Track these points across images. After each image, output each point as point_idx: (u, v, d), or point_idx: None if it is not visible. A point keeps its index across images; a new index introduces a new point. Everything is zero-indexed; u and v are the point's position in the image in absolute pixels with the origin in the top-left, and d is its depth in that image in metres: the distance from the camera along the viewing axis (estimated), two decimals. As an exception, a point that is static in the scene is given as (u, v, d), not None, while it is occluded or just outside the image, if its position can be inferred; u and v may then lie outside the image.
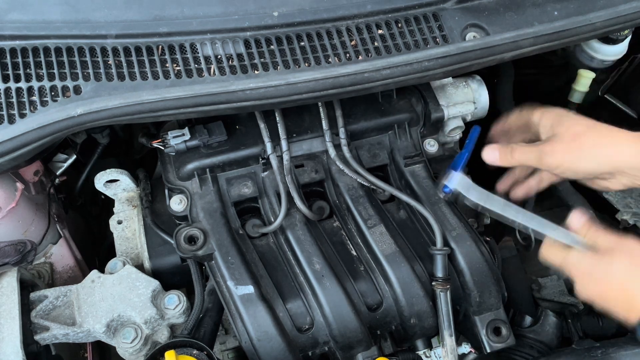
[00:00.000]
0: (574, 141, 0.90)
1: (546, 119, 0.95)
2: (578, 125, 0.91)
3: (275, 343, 0.90)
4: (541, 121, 0.96)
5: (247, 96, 0.87)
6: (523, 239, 1.25)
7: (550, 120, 0.94)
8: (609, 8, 1.01)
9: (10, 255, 0.94)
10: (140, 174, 1.15)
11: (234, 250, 0.97)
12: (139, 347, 0.92)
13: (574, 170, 0.91)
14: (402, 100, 1.14)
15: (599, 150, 0.88)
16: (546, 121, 0.95)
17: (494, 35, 0.97)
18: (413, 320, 0.97)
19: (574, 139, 0.90)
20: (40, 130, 0.81)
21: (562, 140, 0.91)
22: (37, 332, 0.92)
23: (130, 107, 0.83)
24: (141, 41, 0.87)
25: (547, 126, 0.94)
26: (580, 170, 0.90)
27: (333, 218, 1.07)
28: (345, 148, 1.06)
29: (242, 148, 1.04)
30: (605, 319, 1.19)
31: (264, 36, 0.91)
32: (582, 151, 0.89)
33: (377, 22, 0.96)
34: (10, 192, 1.00)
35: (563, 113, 0.95)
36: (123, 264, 1.00)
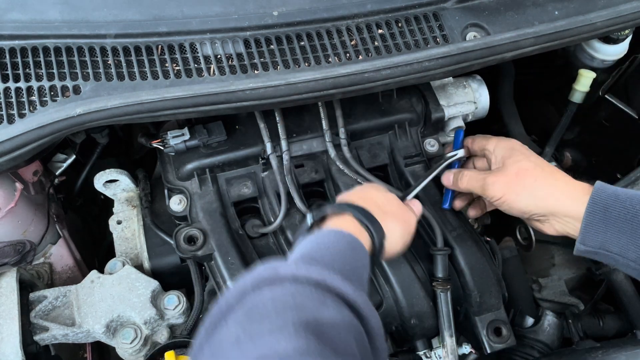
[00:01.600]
0: (517, 177, 0.91)
1: (499, 150, 0.97)
2: (526, 162, 0.93)
3: (275, 343, 0.90)
4: (495, 151, 0.98)
5: (246, 96, 0.87)
6: (523, 239, 1.25)
7: (502, 152, 0.96)
8: (610, 8, 1.01)
9: (9, 255, 0.94)
10: (140, 174, 1.15)
11: (233, 250, 0.96)
12: (139, 348, 0.92)
13: (510, 205, 0.92)
14: (403, 100, 1.13)
15: (537, 191, 0.89)
16: (498, 152, 0.97)
17: (494, 35, 0.97)
18: (413, 321, 0.97)
19: (517, 175, 0.91)
20: (39, 130, 0.81)
21: (506, 174, 0.93)
22: (37, 332, 0.92)
23: (129, 107, 0.83)
24: (141, 41, 0.87)
25: (498, 157, 0.96)
26: (515, 207, 0.91)
27: (333, 218, 1.06)
28: (345, 148, 1.06)
29: (242, 148, 1.03)
30: (606, 320, 1.19)
31: (263, 36, 0.91)
32: (522, 188, 0.90)
33: (377, 22, 0.96)
34: (10, 192, 1.00)
35: (516, 146, 0.96)
36: (122, 264, 0.99)
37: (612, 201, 0.81)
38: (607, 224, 0.80)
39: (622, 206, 0.80)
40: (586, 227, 0.82)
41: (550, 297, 1.31)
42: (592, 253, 0.83)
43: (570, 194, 0.86)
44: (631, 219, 0.79)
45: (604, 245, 0.81)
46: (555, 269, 1.36)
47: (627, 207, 0.80)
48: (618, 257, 0.80)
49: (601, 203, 0.81)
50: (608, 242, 0.81)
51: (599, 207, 0.81)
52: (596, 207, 0.81)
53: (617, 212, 0.80)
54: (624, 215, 0.79)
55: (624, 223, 0.79)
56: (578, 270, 1.36)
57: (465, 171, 1.00)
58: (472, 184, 0.97)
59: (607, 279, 1.22)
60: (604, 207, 0.81)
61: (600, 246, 0.81)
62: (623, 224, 0.79)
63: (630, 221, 0.79)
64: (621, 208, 0.80)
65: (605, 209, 0.81)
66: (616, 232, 0.80)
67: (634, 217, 0.79)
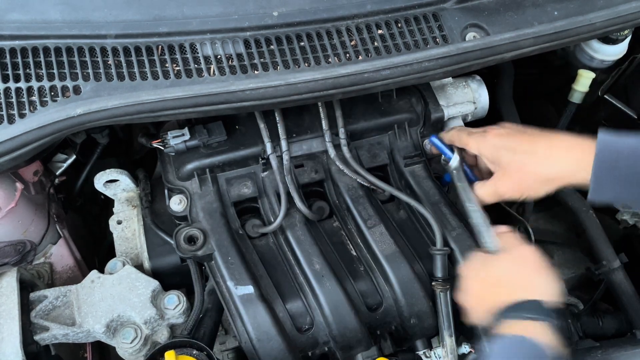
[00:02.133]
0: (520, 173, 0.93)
1: (484, 152, 0.98)
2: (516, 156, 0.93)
3: (275, 343, 0.90)
4: (481, 153, 0.99)
5: (246, 96, 0.87)
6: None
7: (488, 154, 0.97)
8: (609, 8, 1.01)
9: (9, 255, 0.94)
10: (140, 174, 1.15)
11: (233, 250, 0.97)
12: (139, 347, 0.92)
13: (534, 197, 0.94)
14: (402, 101, 1.14)
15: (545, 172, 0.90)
16: (485, 153, 0.98)
17: (494, 35, 0.97)
18: (413, 321, 0.97)
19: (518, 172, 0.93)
20: (39, 130, 0.81)
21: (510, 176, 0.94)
22: (37, 332, 0.92)
23: (130, 107, 0.83)
24: (141, 41, 0.87)
25: (489, 159, 0.97)
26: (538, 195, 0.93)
27: (333, 218, 1.07)
28: (345, 148, 1.06)
29: (242, 148, 1.04)
30: (606, 320, 1.19)
31: (263, 36, 0.91)
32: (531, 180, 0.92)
33: (377, 22, 0.96)
34: (10, 192, 1.00)
35: (497, 142, 0.96)
36: (123, 264, 1.00)
37: (617, 156, 0.82)
38: (615, 178, 0.82)
39: (627, 160, 0.82)
40: (596, 184, 0.83)
41: (550, 297, 1.31)
42: (604, 204, 0.87)
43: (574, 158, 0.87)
44: (636, 173, 0.81)
45: (616, 199, 0.86)
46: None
47: (631, 161, 0.82)
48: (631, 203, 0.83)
49: (607, 160, 0.83)
50: (619, 195, 0.84)
51: (605, 164, 0.82)
52: (603, 164, 0.82)
53: (624, 166, 0.82)
54: (630, 169, 0.82)
55: (632, 177, 0.82)
56: (577, 270, 1.37)
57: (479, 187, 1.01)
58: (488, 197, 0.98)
59: (607, 278, 1.23)
60: (610, 164, 0.82)
61: (612, 199, 0.86)
62: (631, 177, 0.82)
63: (636, 175, 0.81)
64: (626, 161, 0.82)
65: (612, 165, 0.82)
66: (626, 185, 0.82)
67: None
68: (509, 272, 0.89)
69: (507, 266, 0.90)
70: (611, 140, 0.84)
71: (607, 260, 1.22)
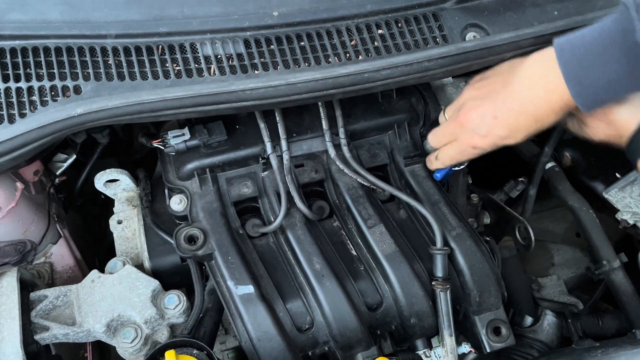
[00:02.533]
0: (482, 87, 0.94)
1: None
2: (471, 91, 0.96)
3: (275, 343, 0.90)
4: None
5: (247, 96, 0.87)
6: (523, 238, 1.25)
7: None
8: (609, 8, 1.01)
9: (10, 255, 0.94)
10: (140, 174, 1.15)
11: (233, 250, 0.97)
12: (139, 347, 0.93)
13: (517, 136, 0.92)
14: (402, 100, 1.14)
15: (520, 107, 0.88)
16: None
17: (494, 35, 0.97)
18: (413, 320, 0.97)
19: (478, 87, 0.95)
20: (40, 130, 0.81)
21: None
22: (37, 332, 0.92)
23: (130, 107, 0.83)
24: (141, 41, 0.87)
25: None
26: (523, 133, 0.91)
27: (333, 218, 1.07)
28: (345, 148, 1.06)
29: (242, 148, 1.04)
30: (606, 320, 1.19)
31: (263, 36, 0.91)
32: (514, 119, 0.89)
33: (377, 22, 0.96)
34: (10, 192, 1.00)
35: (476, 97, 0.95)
36: (123, 264, 1.00)
37: (579, 48, 0.79)
38: (589, 69, 0.79)
39: (589, 47, 0.78)
40: (573, 86, 0.80)
41: (550, 297, 1.32)
42: (595, 101, 0.81)
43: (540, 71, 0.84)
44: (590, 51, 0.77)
45: (600, 89, 0.79)
46: (555, 269, 1.37)
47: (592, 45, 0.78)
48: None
49: (570, 57, 0.79)
50: (600, 84, 0.79)
51: (571, 60, 0.79)
52: (569, 62, 0.79)
53: (592, 55, 0.78)
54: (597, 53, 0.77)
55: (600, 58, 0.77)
56: (577, 269, 1.37)
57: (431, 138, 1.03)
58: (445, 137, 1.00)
59: (607, 278, 1.23)
60: (576, 58, 0.79)
61: (597, 93, 0.80)
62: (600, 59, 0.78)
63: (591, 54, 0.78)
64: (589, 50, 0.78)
65: (579, 58, 0.79)
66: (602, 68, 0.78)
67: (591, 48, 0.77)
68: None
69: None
70: (565, 38, 0.81)
71: (607, 260, 1.22)
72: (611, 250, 1.22)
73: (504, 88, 0.89)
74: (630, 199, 1.17)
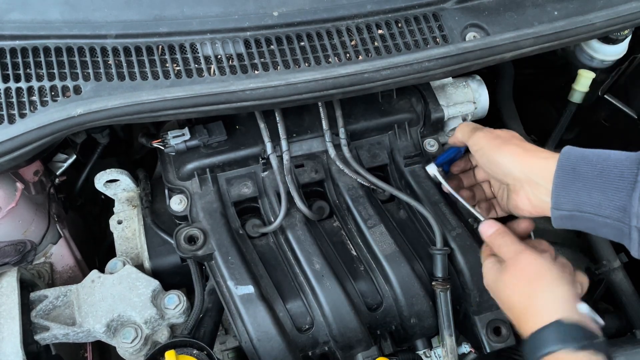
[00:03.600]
0: (500, 136, 0.92)
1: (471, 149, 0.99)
2: (508, 133, 0.95)
3: (275, 343, 0.90)
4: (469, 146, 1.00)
5: (247, 96, 0.87)
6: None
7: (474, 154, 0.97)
8: (609, 8, 1.01)
9: (10, 255, 0.94)
10: (140, 174, 1.15)
11: (234, 250, 0.97)
12: (139, 347, 0.93)
13: (490, 157, 0.91)
14: (402, 100, 1.14)
15: (516, 149, 0.89)
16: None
17: (494, 35, 0.97)
18: (413, 320, 0.97)
19: (501, 134, 0.93)
20: (40, 130, 0.81)
21: (493, 132, 0.94)
22: (37, 332, 0.92)
23: (130, 107, 0.83)
24: (141, 41, 0.87)
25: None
26: (495, 159, 0.90)
27: (333, 218, 1.07)
28: (345, 148, 1.06)
29: (242, 148, 1.04)
30: (605, 319, 1.19)
31: (264, 36, 0.91)
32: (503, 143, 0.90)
33: (377, 22, 0.96)
34: (10, 192, 1.00)
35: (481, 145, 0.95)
36: (123, 264, 1.00)
37: (580, 160, 0.79)
38: (578, 183, 0.79)
39: (590, 164, 0.78)
40: (557, 189, 0.80)
41: (550, 297, 1.31)
42: (567, 218, 0.81)
43: (542, 157, 0.85)
44: (600, 175, 0.77)
45: (578, 207, 0.79)
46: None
47: (594, 164, 0.78)
48: (593, 216, 0.78)
49: (569, 164, 0.80)
50: (581, 203, 0.78)
51: (567, 167, 0.80)
52: (565, 168, 0.80)
53: (586, 170, 0.78)
54: (592, 173, 0.78)
55: (594, 180, 0.77)
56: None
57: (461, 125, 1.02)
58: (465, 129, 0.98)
59: (607, 278, 1.23)
60: (572, 167, 0.80)
61: (573, 208, 0.79)
62: (593, 181, 0.77)
63: (599, 177, 0.77)
64: (590, 166, 0.78)
65: (574, 168, 0.79)
66: (587, 190, 0.78)
67: (602, 173, 0.77)
68: (513, 293, 0.82)
69: (510, 285, 0.83)
70: (575, 148, 0.82)
71: (607, 260, 1.22)
72: (611, 250, 1.22)
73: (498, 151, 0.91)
74: (631, 199, 1.17)
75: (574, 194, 0.79)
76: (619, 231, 0.76)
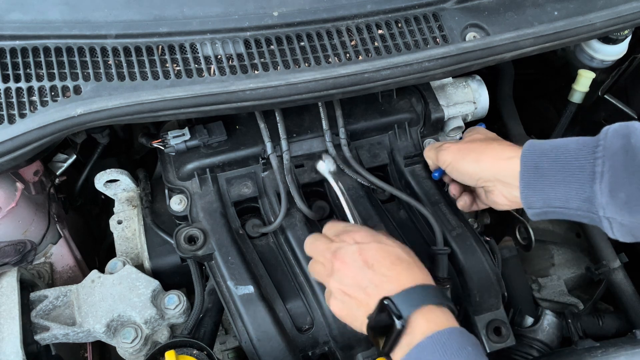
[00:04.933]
0: (466, 144, 0.96)
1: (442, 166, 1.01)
2: (477, 135, 0.98)
3: (275, 343, 0.90)
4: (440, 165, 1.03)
5: (247, 96, 0.87)
6: (523, 239, 1.25)
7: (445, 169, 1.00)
8: (609, 8, 1.01)
9: (10, 255, 0.94)
10: (140, 174, 1.15)
11: (234, 250, 0.97)
12: (139, 347, 0.93)
13: (458, 169, 0.95)
14: (402, 100, 1.14)
15: (481, 156, 0.91)
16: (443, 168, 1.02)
17: (494, 35, 0.97)
18: (413, 320, 0.97)
19: (466, 143, 0.96)
20: (40, 130, 0.81)
21: (458, 143, 0.98)
22: (37, 332, 0.92)
23: (130, 107, 0.83)
24: (141, 41, 0.87)
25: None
26: (462, 170, 0.94)
27: (333, 218, 1.07)
28: (345, 148, 1.06)
29: (242, 148, 1.04)
30: (606, 320, 1.19)
31: (264, 36, 0.91)
32: (468, 152, 0.93)
33: (377, 22, 0.96)
34: (10, 192, 1.00)
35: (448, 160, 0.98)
36: (123, 264, 1.00)
37: (541, 157, 0.80)
38: (543, 180, 0.79)
39: (550, 159, 0.79)
40: (524, 189, 0.82)
41: (550, 297, 1.32)
42: (542, 214, 0.82)
43: (506, 158, 0.87)
44: (562, 169, 0.78)
45: (547, 204, 0.80)
46: (555, 269, 1.36)
47: (555, 159, 0.79)
48: (564, 209, 0.79)
49: (532, 163, 0.81)
50: (549, 199, 0.79)
51: (530, 167, 0.81)
52: (528, 168, 0.81)
53: (548, 167, 0.79)
54: (555, 168, 0.79)
55: (557, 175, 0.78)
56: (577, 270, 1.37)
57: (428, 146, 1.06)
58: (430, 153, 1.03)
59: (607, 278, 1.23)
60: (534, 165, 0.80)
61: (544, 205, 0.80)
62: (556, 177, 0.78)
63: (561, 172, 0.78)
64: (550, 161, 0.79)
65: (536, 166, 0.80)
66: (552, 186, 0.79)
67: (564, 167, 0.78)
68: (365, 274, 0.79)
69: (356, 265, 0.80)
70: (536, 143, 0.83)
71: (607, 260, 1.22)
72: (611, 250, 1.22)
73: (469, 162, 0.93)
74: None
75: (541, 192, 0.80)
76: (592, 220, 0.77)
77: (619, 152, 0.74)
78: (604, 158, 0.75)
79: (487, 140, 0.95)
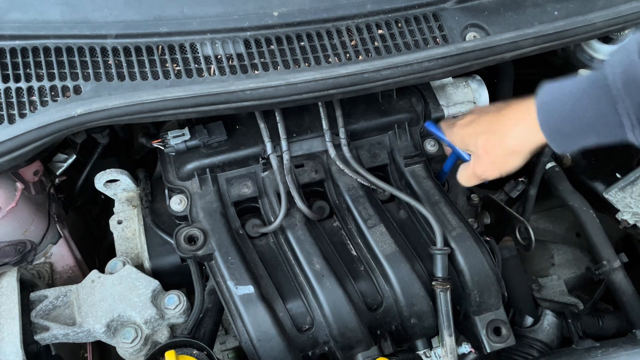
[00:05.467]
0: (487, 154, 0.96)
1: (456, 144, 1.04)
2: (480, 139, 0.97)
3: (275, 343, 0.90)
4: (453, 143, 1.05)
5: (247, 96, 0.87)
6: (523, 239, 1.25)
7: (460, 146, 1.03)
8: (609, 8, 1.01)
9: (10, 255, 0.94)
10: (140, 174, 1.15)
11: (234, 250, 0.97)
12: (139, 347, 0.93)
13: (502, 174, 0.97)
14: (402, 100, 1.14)
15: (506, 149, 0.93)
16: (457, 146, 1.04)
17: (494, 35, 0.97)
18: (413, 320, 0.97)
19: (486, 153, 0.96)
20: (40, 130, 0.81)
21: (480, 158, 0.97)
22: (37, 332, 0.92)
23: (130, 107, 0.83)
24: (141, 41, 0.87)
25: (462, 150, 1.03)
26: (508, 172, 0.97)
27: (333, 218, 1.07)
28: (345, 148, 1.06)
29: (242, 148, 1.04)
30: (606, 320, 1.19)
31: (263, 36, 0.91)
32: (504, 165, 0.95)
33: (377, 22, 0.96)
34: (10, 192, 1.00)
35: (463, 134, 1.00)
36: (123, 264, 1.00)
37: (562, 123, 0.82)
38: (571, 139, 0.82)
39: (572, 124, 0.81)
40: (557, 149, 0.85)
41: (550, 297, 1.32)
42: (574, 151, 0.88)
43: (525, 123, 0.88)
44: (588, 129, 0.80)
45: (583, 148, 0.84)
46: (555, 269, 1.37)
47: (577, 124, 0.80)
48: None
49: (555, 129, 0.83)
50: (584, 146, 0.83)
51: (555, 134, 0.83)
52: (553, 136, 0.83)
53: (572, 130, 0.81)
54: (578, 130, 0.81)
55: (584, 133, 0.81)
56: (577, 270, 1.37)
57: None
58: (469, 181, 1.03)
59: (607, 278, 1.23)
60: (557, 131, 0.83)
61: (579, 150, 0.85)
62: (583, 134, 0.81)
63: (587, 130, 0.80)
64: (572, 125, 0.81)
65: (560, 132, 0.83)
66: (585, 140, 0.81)
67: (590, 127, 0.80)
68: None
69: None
70: (549, 89, 0.84)
71: (607, 260, 1.22)
72: (611, 250, 1.22)
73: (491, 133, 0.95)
74: (631, 199, 1.17)
75: (573, 145, 0.83)
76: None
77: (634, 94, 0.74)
78: (627, 109, 0.75)
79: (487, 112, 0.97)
